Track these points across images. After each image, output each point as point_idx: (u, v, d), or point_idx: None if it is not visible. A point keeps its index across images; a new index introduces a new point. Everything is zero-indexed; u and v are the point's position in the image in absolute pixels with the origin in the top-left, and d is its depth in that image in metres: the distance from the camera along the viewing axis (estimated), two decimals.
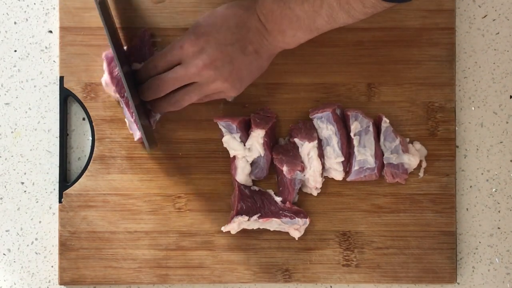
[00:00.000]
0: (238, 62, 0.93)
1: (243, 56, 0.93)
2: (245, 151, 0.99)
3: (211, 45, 0.92)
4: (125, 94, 0.96)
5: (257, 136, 0.99)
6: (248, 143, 0.99)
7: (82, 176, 1.01)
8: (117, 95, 0.98)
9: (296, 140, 1.00)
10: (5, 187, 1.03)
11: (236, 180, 1.00)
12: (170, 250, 1.01)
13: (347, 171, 1.01)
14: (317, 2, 0.89)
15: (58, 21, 1.02)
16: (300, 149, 1.00)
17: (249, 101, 1.02)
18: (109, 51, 0.98)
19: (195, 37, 0.93)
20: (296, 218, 1.00)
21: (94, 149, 1.01)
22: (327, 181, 1.02)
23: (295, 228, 1.00)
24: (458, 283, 1.04)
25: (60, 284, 1.01)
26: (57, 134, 1.03)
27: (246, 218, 0.99)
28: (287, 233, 1.01)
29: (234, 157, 1.00)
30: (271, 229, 1.01)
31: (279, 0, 0.91)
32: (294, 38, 0.93)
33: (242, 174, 1.00)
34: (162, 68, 0.95)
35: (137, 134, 0.99)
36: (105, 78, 0.98)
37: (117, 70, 0.97)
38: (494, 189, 1.05)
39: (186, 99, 0.95)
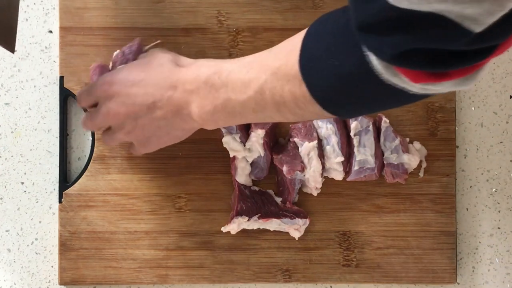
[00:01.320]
0: (143, 122, 0.89)
1: (149, 119, 0.88)
2: (245, 151, 0.99)
3: (119, 96, 0.89)
4: None
5: (257, 136, 0.99)
6: (248, 144, 0.99)
7: (82, 176, 1.01)
8: None
9: (296, 140, 1.00)
10: (5, 187, 1.03)
11: (236, 180, 1.00)
12: (170, 250, 1.01)
13: (347, 171, 1.01)
14: (253, 84, 0.80)
15: (58, 21, 1.02)
16: (300, 149, 1.00)
17: None
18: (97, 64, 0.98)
19: (109, 83, 0.90)
20: (296, 218, 1.00)
21: (94, 149, 1.01)
22: (327, 181, 1.02)
23: (295, 228, 1.00)
24: (458, 283, 1.04)
25: (60, 284, 1.01)
26: (57, 134, 1.03)
27: (246, 218, 0.99)
28: (287, 233, 1.01)
29: (234, 157, 1.00)
30: (271, 229, 1.01)
31: (213, 72, 0.84)
32: (212, 118, 0.86)
33: (242, 175, 1.00)
34: (85, 103, 0.94)
35: None
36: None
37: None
38: (494, 189, 1.05)
39: (108, 141, 0.94)
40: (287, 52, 0.78)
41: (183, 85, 0.86)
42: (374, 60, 0.68)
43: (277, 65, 0.78)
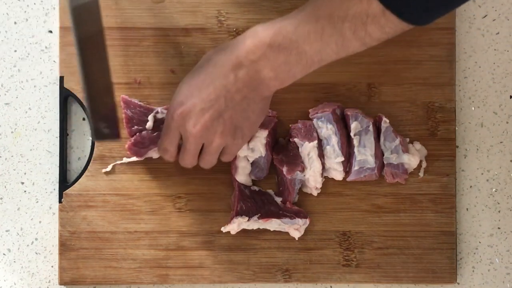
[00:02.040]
0: (229, 114, 0.90)
1: (232, 107, 0.90)
2: (248, 151, 0.99)
3: (195, 107, 0.90)
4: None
5: (261, 136, 0.99)
6: (251, 144, 0.99)
7: (82, 176, 1.01)
8: None
9: (296, 140, 1.00)
10: (5, 187, 1.03)
11: (236, 180, 1.00)
12: (170, 250, 1.01)
13: (347, 171, 1.01)
14: (327, 31, 0.84)
15: (58, 21, 1.02)
16: (300, 149, 1.00)
17: None
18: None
19: (179, 103, 0.91)
20: (296, 218, 1.00)
21: (94, 149, 1.01)
22: (327, 181, 1.02)
23: (295, 228, 1.00)
24: (458, 283, 1.04)
25: (60, 284, 1.01)
26: (57, 134, 1.03)
27: (246, 218, 0.99)
28: (287, 233, 1.01)
29: (235, 156, 1.00)
30: (271, 229, 1.01)
31: (276, 33, 0.86)
32: (288, 75, 0.88)
33: (242, 174, 1.00)
34: (173, 148, 0.95)
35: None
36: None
37: None
38: (494, 189, 1.05)
39: (207, 163, 0.95)
40: None
41: (246, 58, 0.88)
42: None
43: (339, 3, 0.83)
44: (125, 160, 1.01)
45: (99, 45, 0.90)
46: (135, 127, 0.98)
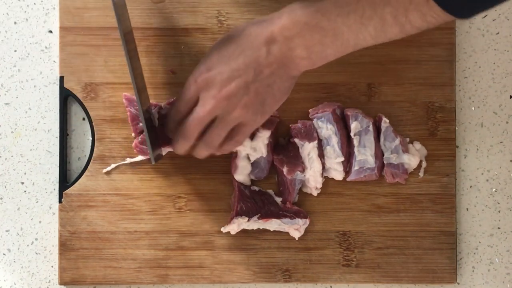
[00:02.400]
0: (255, 86, 0.89)
1: (259, 80, 0.88)
2: (250, 150, 0.99)
3: (223, 74, 0.88)
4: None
5: (263, 136, 0.99)
6: (253, 143, 0.99)
7: (82, 176, 1.01)
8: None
9: (296, 140, 1.00)
10: (5, 187, 1.03)
11: (236, 180, 1.00)
12: (170, 250, 1.01)
13: (347, 171, 1.01)
14: (367, 14, 0.84)
15: (58, 21, 1.02)
16: (300, 149, 1.00)
17: None
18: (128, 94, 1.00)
19: (206, 69, 0.89)
20: (296, 218, 1.00)
21: (94, 149, 1.01)
22: (327, 181, 1.02)
23: (295, 228, 1.00)
24: (458, 283, 1.04)
25: (60, 284, 1.01)
26: (57, 134, 1.03)
27: (246, 219, 0.99)
28: (287, 233, 1.01)
29: (235, 155, 1.00)
30: (271, 229, 1.01)
31: (314, 11, 0.86)
32: (321, 55, 0.87)
33: (241, 173, 1.00)
34: (185, 110, 0.92)
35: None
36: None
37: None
38: (494, 189, 1.05)
39: (215, 138, 0.91)
40: None
41: (280, 34, 0.87)
42: None
43: None
44: (128, 160, 1.01)
45: (134, 42, 0.94)
46: (140, 124, 0.98)
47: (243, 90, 0.88)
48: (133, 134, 0.99)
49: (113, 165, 1.01)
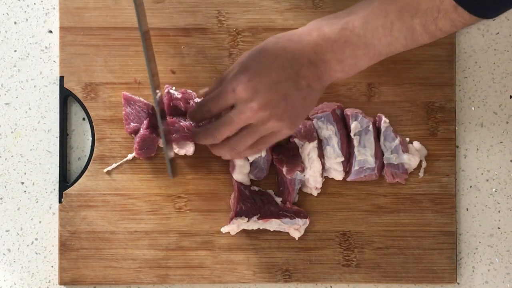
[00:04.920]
0: (292, 99, 0.89)
1: (296, 92, 0.89)
2: None
3: (264, 85, 0.88)
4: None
5: None
6: None
7: (82, 176, 1.01)
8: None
9: (296, 140, 1.00)
10: (5, 187, 1.03)
11: (235, 180, 1.00)
12: (170, 250, 1.01)
13: (347, 171, 1.01)
14: (396, 26, 0.85)
15: (58, 21, 1.02)
16: (300, 149, 1.00)
17: None
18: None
19: (247, 79, 0.89)
20: (296, 218, 1.00)
21: (94, 149, 1.01)
22: (327, 181, 1.02)
23: (295, 228, 1.00)
24: (458, 283, 1.04)
25: (60, 284, 1.01)
26: (57, 134, 1.03)
27: (246, 219, 0.99)
28: (287, 233, 1.01)
29: None
30: (271, 229, 1.01)
31: (342, 29, 0.87)
32: (354, 67, 0.89)
33: (240, 173, 1.00)
34: (216, 113, 0.93)
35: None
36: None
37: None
38: (494, 189, 1.05)
39: (242, 144, 0.92)
40: None
41: (313, 50, 0.88)
42: None
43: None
44: (129, 156, 1.01)
45: (151, 41, 0.94)
46: (132, 124, 0.99)
47: (282, 102, 0.89)
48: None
49: (114, 164, 1.01)
